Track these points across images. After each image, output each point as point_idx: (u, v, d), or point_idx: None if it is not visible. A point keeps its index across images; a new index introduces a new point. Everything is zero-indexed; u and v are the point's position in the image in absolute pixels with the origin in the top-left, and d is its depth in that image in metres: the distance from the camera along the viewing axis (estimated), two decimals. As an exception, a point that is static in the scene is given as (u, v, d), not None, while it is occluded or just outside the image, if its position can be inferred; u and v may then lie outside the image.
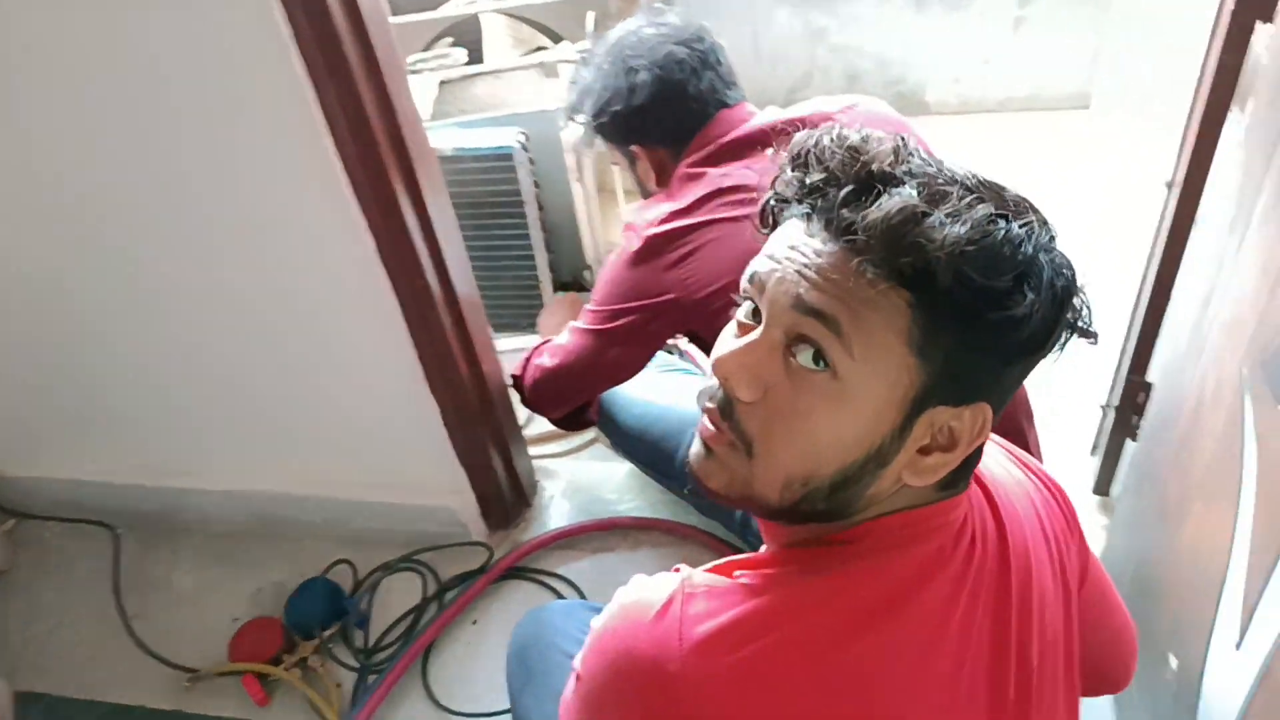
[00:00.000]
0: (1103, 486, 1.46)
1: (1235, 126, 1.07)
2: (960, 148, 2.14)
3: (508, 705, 1.30)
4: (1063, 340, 0.60)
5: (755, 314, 0.62)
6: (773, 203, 0.64)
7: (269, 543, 1.70)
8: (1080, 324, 0.60)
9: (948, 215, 0.54)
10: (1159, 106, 1.46)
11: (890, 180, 0.57)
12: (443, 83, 2.10)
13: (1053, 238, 0.58)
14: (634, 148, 1.34)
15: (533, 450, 1.74)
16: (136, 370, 1.53)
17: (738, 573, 0.62)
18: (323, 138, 1.14)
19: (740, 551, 1.49)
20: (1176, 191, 1.15)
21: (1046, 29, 2.43)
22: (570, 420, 1.51)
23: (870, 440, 0.59)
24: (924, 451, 0.61)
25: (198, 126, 1.17)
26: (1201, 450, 0.95)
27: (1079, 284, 0.59)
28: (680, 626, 0.59)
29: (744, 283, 0.62)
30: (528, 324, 2.03)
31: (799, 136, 0.62)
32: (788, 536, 0.66)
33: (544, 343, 1.43)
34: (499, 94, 2.13)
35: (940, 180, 0.57)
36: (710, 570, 0.64)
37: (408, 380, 1.41)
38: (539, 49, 2.30)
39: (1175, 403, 1.07)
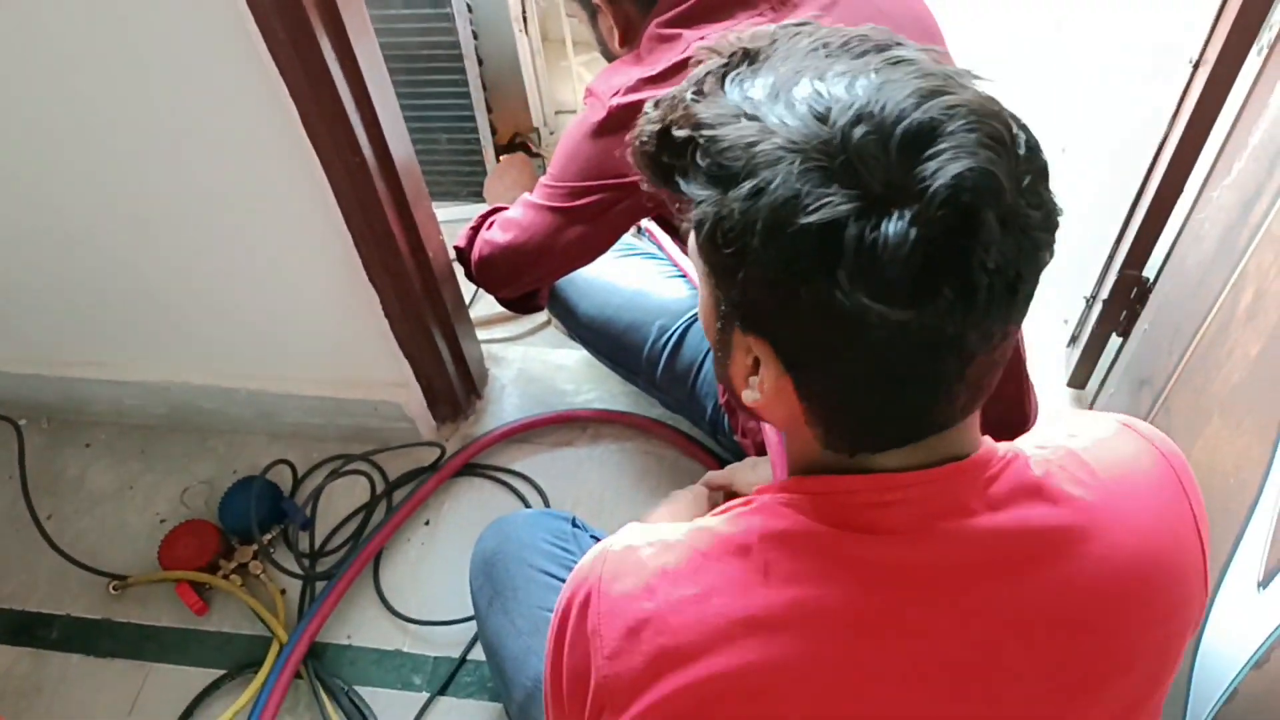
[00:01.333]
0: (1079, 379, 1.42)
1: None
2: None
3: (468, 613, 1.24)
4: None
5: None
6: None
7: (194, 437, 1.56)
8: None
9: None
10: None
11: None
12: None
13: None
14: (595, 0, 1.17)
15: (481, 334, 1.61)
16: (34, 247, 1.33)
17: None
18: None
19: (709, 451, 1.44)
20: (1205, 71, 1.05)
21: None
22: (520, 303, 1.38)
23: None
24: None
25: None
26: (1226, 366, 0.89)
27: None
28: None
29: None
30: (468, 192, 1.86)
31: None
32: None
33: (492, 212, 1.28)
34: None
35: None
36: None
37: (341, 263, 1.26)
38: None
39: (1190, 308, 1.00)
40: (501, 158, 1.78)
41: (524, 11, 1.64)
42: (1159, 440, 0.61)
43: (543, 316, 1.73)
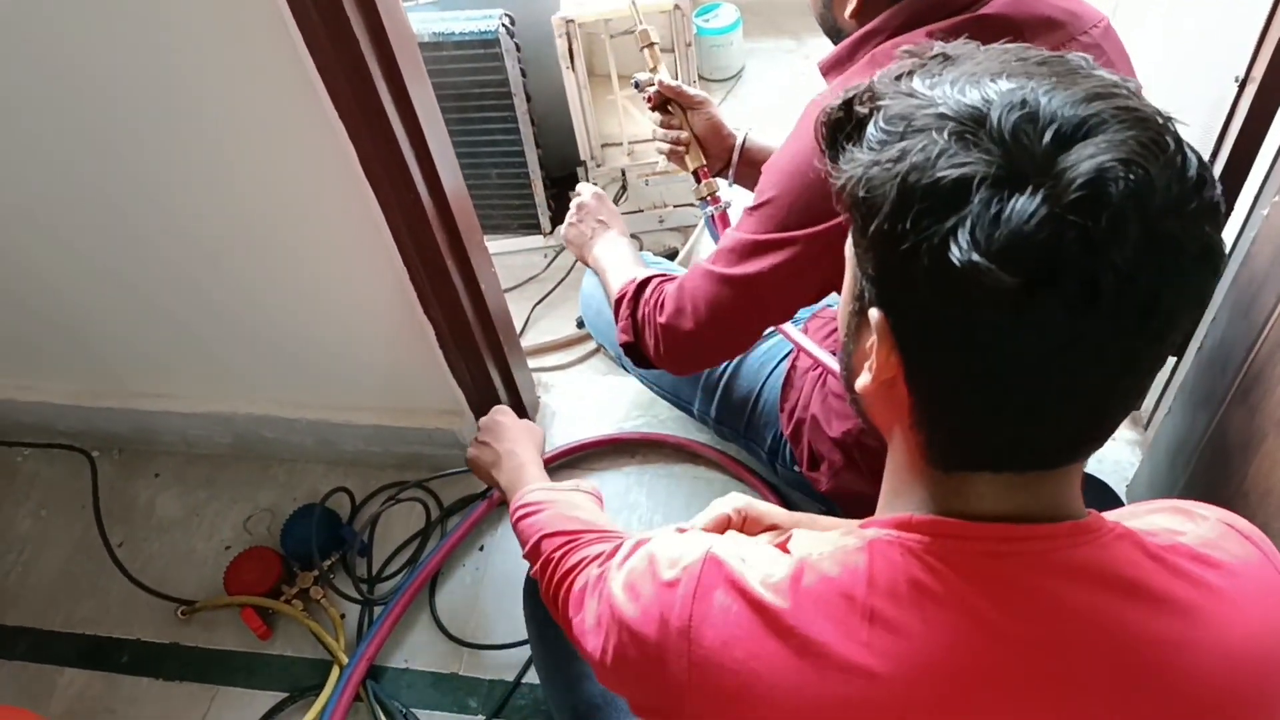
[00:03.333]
0: (1134, 399, 1.40)
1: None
2: None
3: (522, 636, 1.26)
4: None
5: None
6: None
7: (256, 466, 1.61)
8: None
9: None
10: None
11: None
12: (413, -46, 1.90)
13: None
14: None
15: (531, 362, 1.65)
16: (105, 283, 1.39)
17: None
18: (289, 29, 0.99)
19: (756, 474, 1.44)
20: (1253, 88, 1.04)
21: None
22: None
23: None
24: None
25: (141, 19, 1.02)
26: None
27: None
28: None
29: None
30: (519, 225, 1.91)
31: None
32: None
33: (641, 286, 1.11)
34: (478, -32, 1.94)
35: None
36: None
37: (398, 297, 1.30)
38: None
39: (1244, 326, 0.99)
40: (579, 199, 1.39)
41: (570, 49, 1.68)
42: (1262, 542, 0.59)
43: (592, 344, 1.76)
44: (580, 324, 1.76)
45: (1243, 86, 1.08)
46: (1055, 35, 0.94)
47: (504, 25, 1.63)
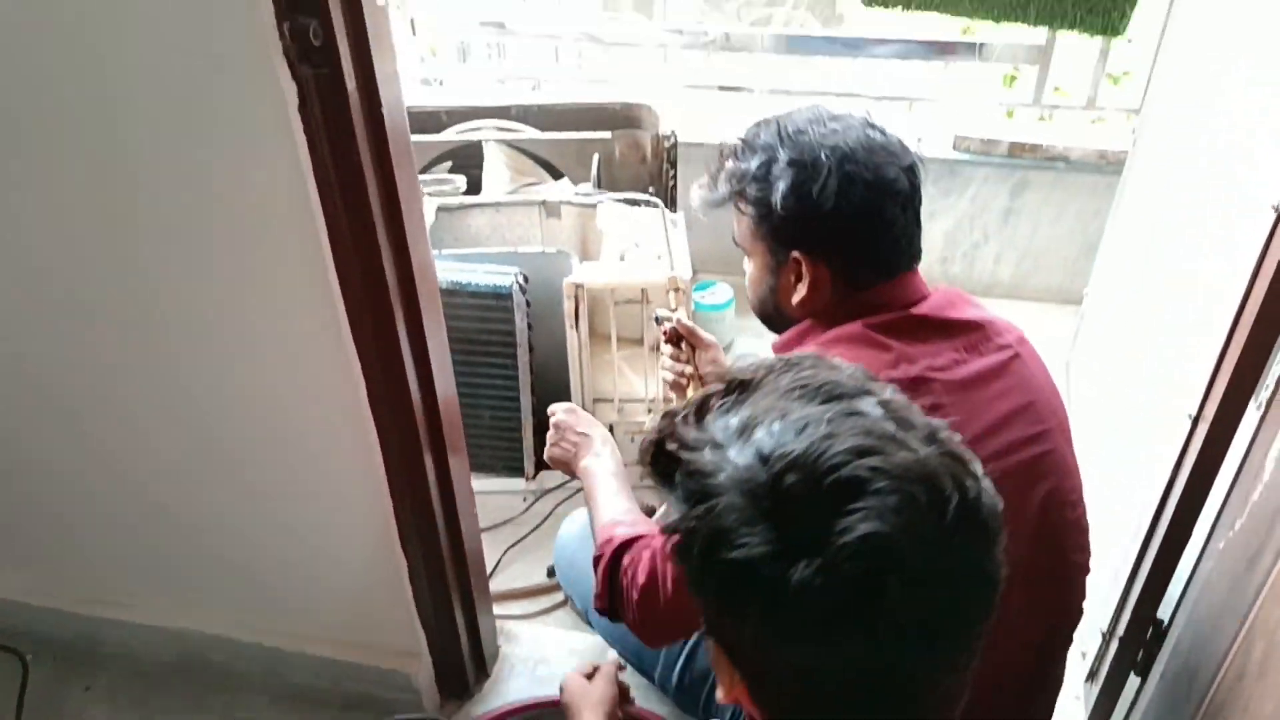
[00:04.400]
0: (1099, 718, 1.39)
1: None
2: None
3: None
4: None
5: None
6: None
7: (195, 691, 1.53)
8: None
9: None
10: (1168, 316, 1.46)
11: None
12: (440, 209, 2.07)
13: None
14: (796, 253, 1.09)
15: (496, 608, 1.62)
16: (69, 484, 1.39)
17: None
18: (327, 266, 1.07)
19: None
20: (1204, 427, 1.13)
21: (1035, 223, 2.50)
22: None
23: None
24: None
25: (180, 214, 1.08)
26: (1246, 714, 0.89)
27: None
28: None
29: None
30: (504, 467, 1.94)
31: None
32: None
33: (623, 546, 1.12)
34: (499, 228, 2.11)
35: None
36: None
37: (377, 529, 1.31)
38: (533, 183, 2.30)
39: (1205, 656, 1.01)
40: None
41: (576, 310, 1.80)
42: None
43: (559, 596, 1.74)
44: (551, 573, 1.76)
45: (1195, 424, 1.17)
46: (976, 335, 1.06)
47: (518, 282, 1.75)
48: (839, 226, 1.05)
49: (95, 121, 1.02)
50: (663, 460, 0.61)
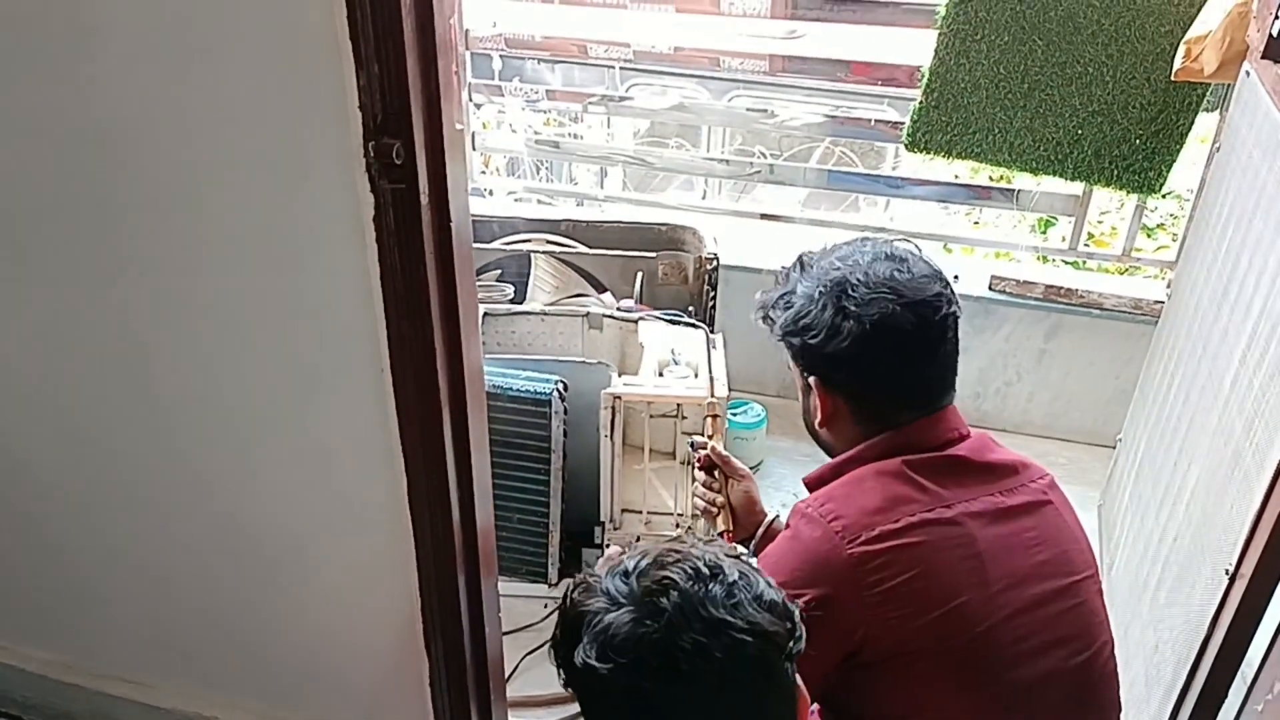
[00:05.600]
0: None
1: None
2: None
3: None
4: None
5: None
6: None
7: (200, 781, 1.51)
8: None
9: None
10: (1205, 469, 1.46)
11: None
12: (488, 315, 2.14)
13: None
14: (813, 379, 1.16)
15: (512, 715, 1.60)
16: (102, 557, 1.42)
17: None
18: (383, 367, 1.11)
19: None
20: (1242, 584, 1.12)
21: (1068, 365, 2.53)
22: None
23: None
24: None
25: (249, 306, 1.14)
26: None
27: None
28: None
29: None
30: (528, 570, 1.95)
31: None
32: None
33: None
34: (541, 336, 2.16)
35: None
36: None
37: (402, 627, 1.31)
38: (577, 295, 2.37)
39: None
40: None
41: (612, 421, 1.83)
42: None
43: (574, 708, 1.71)
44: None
45: (1232, 580, 1.16)
46: (1011, 479, 1.10)
47: (558, 390, 1.79)
48: (840, 359, 1.10)
49: (184, 213, 1.09)
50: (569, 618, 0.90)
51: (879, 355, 1.09)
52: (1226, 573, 1.17)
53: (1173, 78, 1.95)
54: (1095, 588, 1.10)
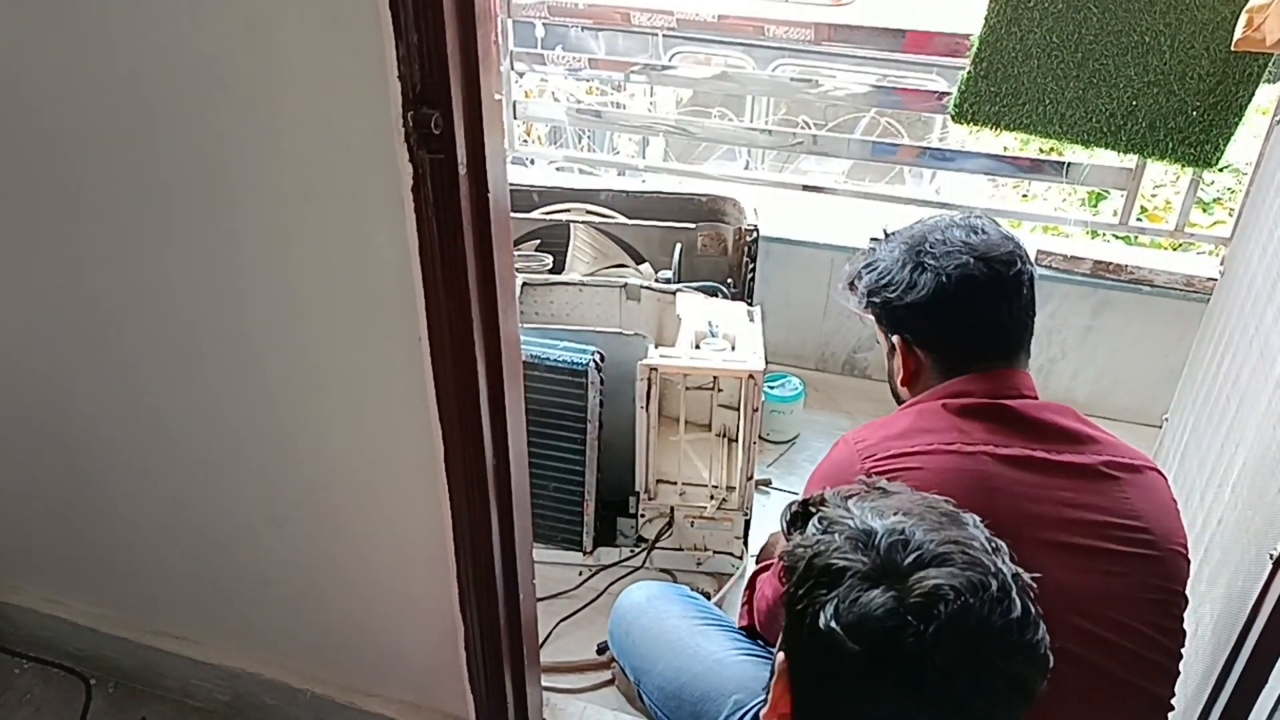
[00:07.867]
0: None
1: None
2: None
3: None
4: None
5: None
6: None
7: (245, 732, 1.56)
8: None
9: None
10: (1254, 453, 1.42)
11: None
12: (526, 284, 2.15)
13: None
14: (896, 338, 1.25)
15: (545, 680, 1.62)
16: (152, 515, 1.46)
17: None
18: (421, 334, 1.13)
19: None
20: (1287, 570, 1.10)
21: (1115, 343, 2.47)
22: None
23: None
24: None
25: (290, 274, 1.16)
26: None
27: None
28: None
29: None
30: (563, 538, 1.97)
31: None
32: None
33: (763, 568, 1.40)
34: (579, 306, 2.17)
35: None
36: None
37: (439, 591, 1.34)
38: (615, 266, 2.36)
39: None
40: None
41: (649, 392, 1.84)
42: None
43: (606, 674, 1.74)
44: (600, 650, 1.75)
45: (1277, 565, 1.13)
46: (1067, 444, 1.11)
47: (595, 361, 1.80)
48: (916, 309, 1.18)
49: (227, 183, 1.11)
50: (801, 517, 0.78)
51: (955, 306, 1.16)
52: (1270, 557, 1.15)
53: (1233, 48, 1.89)
54: (1157, 569, 1.08)
